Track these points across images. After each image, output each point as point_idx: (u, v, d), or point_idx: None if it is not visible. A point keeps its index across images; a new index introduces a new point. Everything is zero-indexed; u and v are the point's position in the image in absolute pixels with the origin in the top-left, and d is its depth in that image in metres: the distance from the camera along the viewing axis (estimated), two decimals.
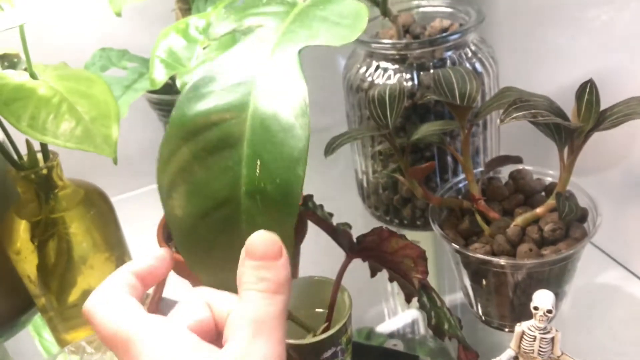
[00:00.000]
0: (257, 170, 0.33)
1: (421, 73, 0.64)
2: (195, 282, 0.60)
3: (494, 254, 0.54)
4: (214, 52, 0.54)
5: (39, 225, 0.59)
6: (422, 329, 0.66)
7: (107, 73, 0.70)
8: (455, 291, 0.66)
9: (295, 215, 0.33)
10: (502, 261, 0.52)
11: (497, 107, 0.54)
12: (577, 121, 0.51)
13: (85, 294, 0.62)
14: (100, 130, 0.52)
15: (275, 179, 0.33)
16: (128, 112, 0.67)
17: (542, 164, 0.62)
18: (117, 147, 0.52)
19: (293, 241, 0.34)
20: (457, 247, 0.54)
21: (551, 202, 0.54)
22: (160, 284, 0.52)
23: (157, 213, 0.66)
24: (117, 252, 0.64)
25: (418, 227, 0.71)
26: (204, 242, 0.36)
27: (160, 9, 0.79)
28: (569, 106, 0.53)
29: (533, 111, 0.47)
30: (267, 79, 0.34)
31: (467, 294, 0.60)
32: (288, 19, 0.36)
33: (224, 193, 0.34)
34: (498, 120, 0.48)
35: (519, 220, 0.55)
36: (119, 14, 0.67)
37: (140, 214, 0.82)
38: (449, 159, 0.68)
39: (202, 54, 0.54)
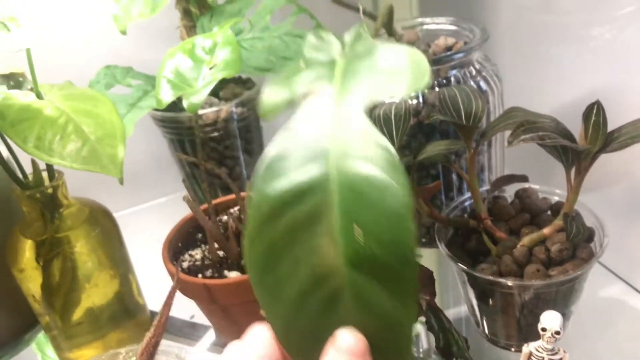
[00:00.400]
0: (358, 237, 0.30)
1: (426, 91, 0.64)
2: (203, 304, 0.60)
3: (501, 275, 0.54)
4: (220, 73, 0.54)
5: (44, 244, 0.59)
6: (425, 343, 0.66)
7: (111, 90, 0.70)
8: (460, 306, 0.66)
9: (414, 276, 0.30)
10: (509, 282, 0.52)
11: (503, 127, 0.54)
12: (584, 142, 0.51)
13: (89, 312, 0.62)
14: (107, 150, 0.52)
15: (382, 240, 0.30)
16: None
17: (547, 180, 0.62)
18: (123, 167, 0.52)
19: (417, 311, 0.31)
20: (465, 267, 0.54)
21: (558, 222, 0.54)
22: (167, 306, 0.52)
23: (159, 228, 0.67)
24: (122, 269, 0.64)
25: (423, 245, 0.71)
26: (307, 328, 0.32)
27: (164, 25, 0.79)
28: (573, 124, 0.53)
29: (541, 133, 0.47)
30: (342, 144, 0.32)
31: (473, 313, 0.60)
32: (337, 80, 0.34)
33: (322, 270, 0.31)
34: (506, 142, 0.48)
35: (526, 240, 0.55)
36: (124, 32, 0.67)
37: (143, 230, 0.82)
38: (454, 176, 0.68)
39: (208, 75, 0.54)
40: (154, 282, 0.67)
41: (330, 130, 0.32)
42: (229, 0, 0.71)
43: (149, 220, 0.92)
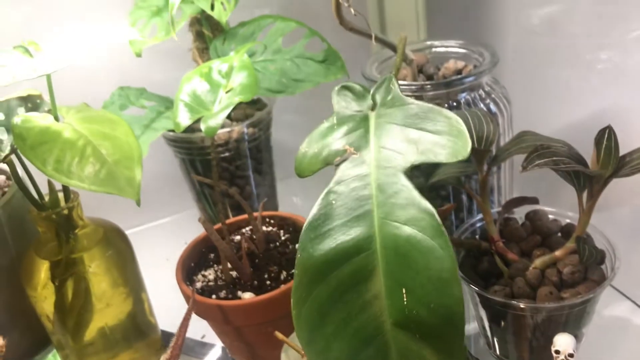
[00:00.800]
0: (404, 299, 0.31)
1: None
2: (216, 325, 0.60)
3: (513, 296, 0.55)
4: (237, 96, 0.54)
5: (59, 264, 0.59)
6: None
7: (125, 111, 0.70)
8: (469, 325, 0.66)
9: (462, 336, 0.31)
10: (522, 304, 0.53)
11: (515, 151, 0.55)
12: (596, 167, 0.51)
13: (102, 332, 0.62)
14: (124, 172, 0.53)
15: (429, 304, 0.31)
16: None
17: (554, 200, 0.63)
18: (140, 189, 0.53)
19: None
20: (478, 289, 0.54)
21: (570, 245, 0.55)
22: (184, 326, 0.52)
23: (167, 246, 0.67)
24: (135, 289, 0.64)
25: None
26: None
27: (174, 46, 0.80)
28: (582, 145, 0.54)
29: (554, 158, 0.48)
30: (384, 206, 0.33)
31: (485, 334, 0.61)
32: (372, 138, 0.35)
33: (369, 330, 0.32)
34: (520, 167, 0.49)
35: (538, 262, 0.56)
36: (139, 55, 0.68)
37: (152, 248, 0.82)
38: (464, 197, 0.69)
39: (225, 98, 0.55)
40: (163, 300, 0.67)
41: (372, 191, 0.33)
42: (241, 23, 0.72)
43: (157, 239, 0.92)
